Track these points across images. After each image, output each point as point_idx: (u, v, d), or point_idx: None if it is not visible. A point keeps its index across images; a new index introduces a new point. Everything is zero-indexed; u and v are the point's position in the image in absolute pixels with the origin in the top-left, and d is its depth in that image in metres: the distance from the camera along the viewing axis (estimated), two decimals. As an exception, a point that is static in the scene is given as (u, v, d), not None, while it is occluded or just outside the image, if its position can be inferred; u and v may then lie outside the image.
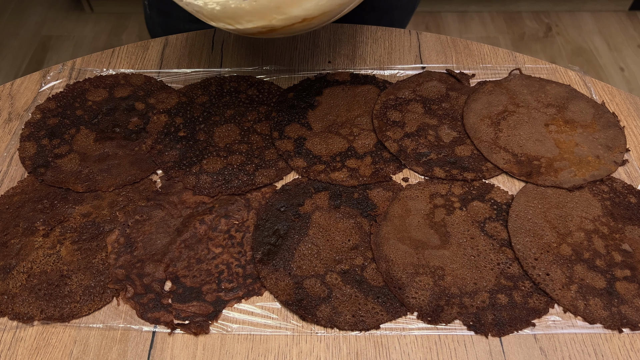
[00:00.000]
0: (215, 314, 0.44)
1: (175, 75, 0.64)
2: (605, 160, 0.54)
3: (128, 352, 0.42)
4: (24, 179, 0.53)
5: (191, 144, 0.56)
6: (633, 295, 0.45)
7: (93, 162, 0.54)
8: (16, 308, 0.44)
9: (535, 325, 0.44)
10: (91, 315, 0.44)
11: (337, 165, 0.54)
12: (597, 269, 0.46)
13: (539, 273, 0.46)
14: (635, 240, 0.48)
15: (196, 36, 0.69)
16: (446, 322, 0.44)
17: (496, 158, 0.54)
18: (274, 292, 0.45)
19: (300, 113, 0.59)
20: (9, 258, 0.47)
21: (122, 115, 0.59)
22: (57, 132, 0.57)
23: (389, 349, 0.43)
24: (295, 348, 0.43)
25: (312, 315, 0.44)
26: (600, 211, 0.51)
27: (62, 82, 0.63)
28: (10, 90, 0.62)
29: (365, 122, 0.59)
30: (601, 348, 0.43)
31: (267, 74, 0.64)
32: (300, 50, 0.68)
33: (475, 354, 0.42)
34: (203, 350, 0.43)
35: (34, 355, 0.42)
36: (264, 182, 0.53)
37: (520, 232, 0.49)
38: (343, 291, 0.45)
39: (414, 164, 0.54)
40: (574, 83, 0.63)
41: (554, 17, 1.92)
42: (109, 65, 0.66)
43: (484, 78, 0.64)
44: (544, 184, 0.52)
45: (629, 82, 1.70)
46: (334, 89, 0.62)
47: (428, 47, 0.68)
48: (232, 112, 0.60)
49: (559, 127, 0.57)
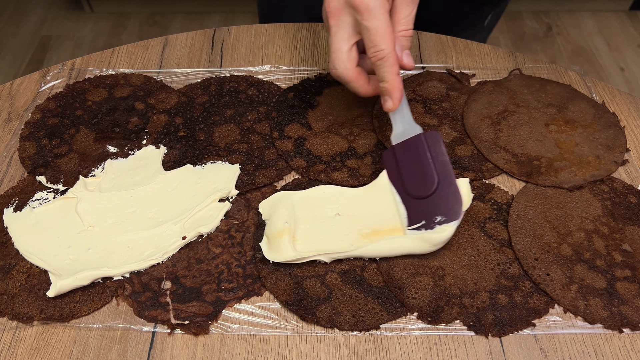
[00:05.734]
0: (215, 314, 0.44)
1: (175, 75, 0.64)
2: (606, 160, 0.54)
3: (128, 352, 0.42)
4: (24, 179, 0.53)
5: (191, 143, 0.56)
6: (633, 295, 0.45)
7: (93, 162, 0.54)
8: (16, 308, 0.44)
9: (536, 326, 0.44)
10: (91, 316, 0.44)
11: (337, 165, 0.54)
12: (597, 269, 0.46)
13: (539, 273, 0.46)
14: (636, 240, 0.48)
15: (196, 36, 0.69)
16: (446, 323, 0.44)
17: (496, 158, 0.54)
18: (274, 292, 0.45)
19: (300, 113, 0.59)
20: (9, 258, 0.47)
21: (122, 115, 0.59)
22: (56, 132, 0.57)
23: (389, 349, 0.43)
24: (295, 348, 0.43)
25: (312, 316, 0.44)
26: (600, 211, 0.51)
27: (62, 82, 0.63)
28: (10, 90, 0.62)
29: (365, 122, 0.58)
30: (601, 348, 0.43)
31: (267, 74, 0.64)
32: (300, 50, 0.67)
33: (475, 354, 0.42)
34: (203, 351, 0.43)
35: (34, 355, 0.42)
36: (264, 182, 0.53)
37: (520, 232, 0.49)
38: (343, 291, 0.45)
39: (414, 164, 0.54)
40: (574, 83, 0.63)
41: (554, 17, 1.92)
42: (109, 65, 0.66)
43: (484, 78, 0.64)
44: (544, 184, 0.52)
45: (629, 82, 1.70)
46: (334, 89, 0.62)
47: (428, 47, 0.68)
48: (232, 112, 0.59)
49: (559, 127, 0.57)
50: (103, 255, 0.47)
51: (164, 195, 0.51)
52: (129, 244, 0.47)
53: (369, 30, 0.46)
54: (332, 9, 0.48)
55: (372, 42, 0.46)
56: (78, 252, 0.47)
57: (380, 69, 0.47)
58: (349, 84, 0.50)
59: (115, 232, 0.48)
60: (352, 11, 0.47)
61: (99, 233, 0.48)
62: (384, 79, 0.48)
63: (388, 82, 0.48)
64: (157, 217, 0.49)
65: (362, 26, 0.47)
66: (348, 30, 0.48)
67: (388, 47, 0.46)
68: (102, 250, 0.47)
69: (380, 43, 0.46)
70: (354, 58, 0.49)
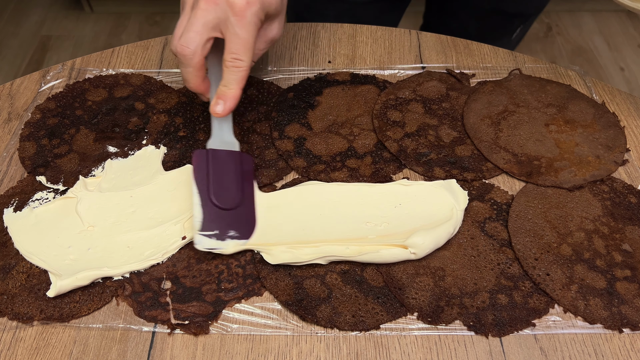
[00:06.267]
0: (215, 314, 0.44)
1: (175, 75, 0.64)
2: (606, 160, 0.54)
3: (128, 352, 0.42)
4: (24, 179, 0.53)
5: (191, 143, 0.56)
6: (633, 295, 0.45)
7: (93, 162, 0.54)
8: (16, 308, 0.44)
9: (536, 326, 0.44)
10: (91, 315, 0.44)
11: (337, 165, 0.54)
12: (597, 269, 0.46)
13: (539, 273, 0.46)
14: (636, 240, 0.48)
15: (196, 36, 0.69)
16: (446, 323, 0.44)
17: (496, 158, 0.54)
18: (274, 292, 0.45)
19: (300, 113, 0.59)
20: (9, 258, 0.47)
21: (122, 115, 0.59)
22: (56, 132, 0.57)
23: (389, 349, 0.43)
24: (295, 348, 0.43)
25: (312, 316, 0.44)
26: (600, 211, 0.51)
27: (62, 82, 0.63)
28: (10, 90, 0.62)
29: (366, 122, 0.58)
30: (601, 348, 0.43)
31: (267, 74, 0.64)
32: (300, 50, 0.67)
33: (476, 354, 0.42)
34: (203, 351, 0.43)
35: (34, 355, 0.42)
36: (264, 182, 0.53)
37: (520, 232, 0.49)
38: (343, 291, 0.45)
39: (414, 164, 0.54)
40: (574, 83, 0.63)
41: (554, 17, 1.92)
42: (109, 65, 0.66)
43: (484, 78, 0.64)
44: (544, 184, 0.52)
45: (629, 82, 1.70)
46: (334, 89, 0.62)
47: (428, 46, 0.68)
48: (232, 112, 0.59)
49: (559, 127, 0.57)
50: (103, 255, 0.47)
51: (164, 195, 0.51)
52: (129, 244, 0.47)
53: (237, 36, 0.46)
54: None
55: (235, 49, 0.46)
56: (78, 252, 0.47)
57: (231, 75, 0.47)
58: (188, 67, 0.48)
59: (115, 232, 0.48)
60: (227, 9, 0.46)
61: (99, 233, 0.48)
62: (229, 84, 0.47)
63: (231, 89, 0.48)
64: (157, 217, 0.49)
65: (230, 29, 0.46)
66: (214, 21, 0.46)
67: (248, 60, 0.47)
68: (102, 250, 0.47)
69: (242, 53, 0.46)
70: (207, 49, 0.48)
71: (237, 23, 0.46)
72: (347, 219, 0.49)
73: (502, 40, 0.84)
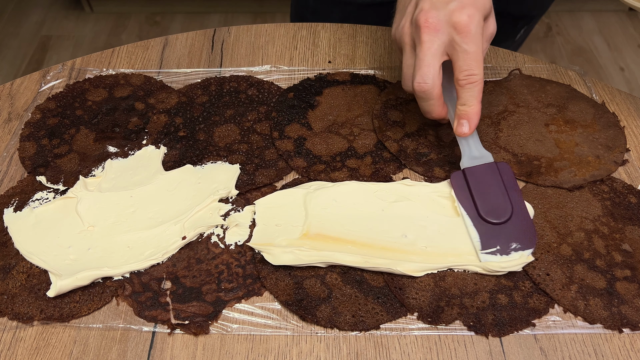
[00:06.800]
0: (215, 314, 0.44)
1: (175, 75, 0.64)
2: (606, 160, 0.54)
3: (128, 352, 0.42)
4: (24, 179, 0.53)
5: (191, 143, 0.56)
6: (633, 295, 0.45)
7: (93, 162, 0.54)
8: (16, 308, 0.44)
9: (536, 326, 0.44)
10: (91, 315, 0.44)
11: (337, 165, 0.54)
12: (597, 269, 0.46)
13: (539, 273, 0.46)
14: (636, 240, 0.48)
15: (196, 36, 0.69)
16: (446, 323, 0.44)
17: (496, 158, 0.54)
18: (274, 292, 0.45)
19: (300, 113, 0.59)
20: (9, 258, 0.47)
21: (122, 115, 0.59)
22: (56, 132, 0.57)
23: (389, 349, 0.43)
24: (295, 348, 0.43)
25: (312, 316, 0.44)
26: (600, 211, 0.51)
27: (62, 82, 0.63)
28: (10, 90, 0.62)
29: (366, 122, 0.58)
30: (601, 348, 0.43)
31: (267, 74, 0.64)
32: (300, 50, 0.67)
33: (475, 354, 0.42)
34: (203, 351, 0.43)
35: (34, 355, 0.42)
36: (264, 182, 0.53)
37: (520, 232, 0.49)
38: (343, 291, 0.45)
39: (414, 164, 0.54)
40: (574, 83, 0.63)
41: (554, 17, 1.93)
42: (109, 65, 0.66)
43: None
44: (544, 184, 0.52)
45: (629, 82, 1.70)
46: (334, 89, 0.62)
47: (428, 47, 0.68)
48: (232, 112, 0.59)
49: (559, 127, 0.57)
50: (103, 255, 0.47)
51: (164, 195, 0.51)
52: (129, 244, 0.47)
53: (467, 53, 0.46)
54: (430, 24, 0.47)
55: (467, 66, 0.46)
56: (78, 252, 0.47)
57: (468, 93, 0.47)
58: (430, 100, 0.49)
59: (115, 232, 0.48)
60: (451, 31, 0.46)
61: (99, 233, 0.48)
62: (467, 102, 0.47)
63: (471, 106, 0.48)
64: (157, 217, 0.49)
65: (458, 48, 0.46)
66: (441, 48, 0.47)
67: (481, 72, 0.47)
68: (102, 250, 0.47)
69: (474, 67, 0.46)
70: (441, 77, 0.48)
71: (464, 39, 0.46)
72: (388, 227, 0.49)
73: (506, 42, 0.83)
